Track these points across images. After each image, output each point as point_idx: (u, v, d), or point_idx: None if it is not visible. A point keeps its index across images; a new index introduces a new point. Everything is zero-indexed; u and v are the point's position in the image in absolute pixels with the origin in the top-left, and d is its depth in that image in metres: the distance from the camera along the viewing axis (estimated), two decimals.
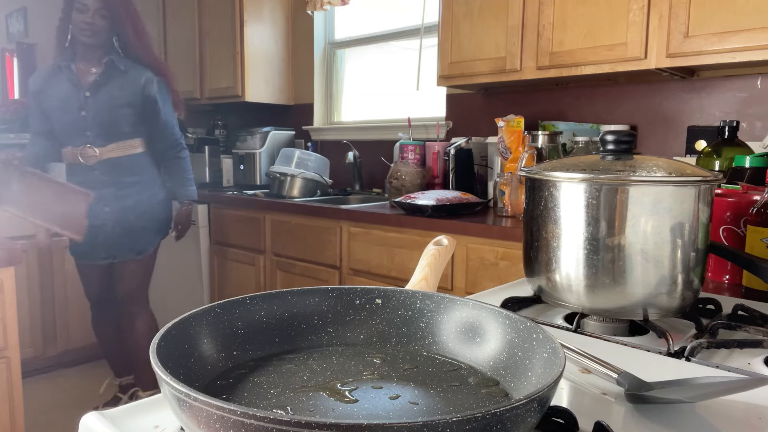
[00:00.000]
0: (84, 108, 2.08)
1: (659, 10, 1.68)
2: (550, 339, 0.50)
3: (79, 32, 2.04)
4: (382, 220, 2.07)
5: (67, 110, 2.09)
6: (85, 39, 2.05)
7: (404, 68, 2.95)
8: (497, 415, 0.37)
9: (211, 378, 0.53)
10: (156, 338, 0.48)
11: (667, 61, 1.68)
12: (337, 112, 3.34)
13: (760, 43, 1.51)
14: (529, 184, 0.81)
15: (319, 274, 2.35)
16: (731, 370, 0.65)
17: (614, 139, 0.76)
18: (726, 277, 1.15)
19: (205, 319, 0.56)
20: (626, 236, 0.71)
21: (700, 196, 0.72)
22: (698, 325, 0.76)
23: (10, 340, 1.52)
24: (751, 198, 1.13)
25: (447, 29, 2.22)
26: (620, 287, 0.73)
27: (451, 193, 2.04)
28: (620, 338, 0.76)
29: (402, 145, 2.51)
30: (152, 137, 2.23)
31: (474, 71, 2.15)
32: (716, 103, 1.91)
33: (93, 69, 2.10)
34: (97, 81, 2.08)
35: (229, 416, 0.36)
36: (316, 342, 0.62)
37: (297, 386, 0.52)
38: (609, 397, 0.58)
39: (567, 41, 1.88)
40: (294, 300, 0.63)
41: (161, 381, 0.41)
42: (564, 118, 2.26)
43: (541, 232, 0.79)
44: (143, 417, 0.52)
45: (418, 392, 0.51)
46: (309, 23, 3.25)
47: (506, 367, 0.55)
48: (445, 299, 0.62)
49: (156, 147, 2.25)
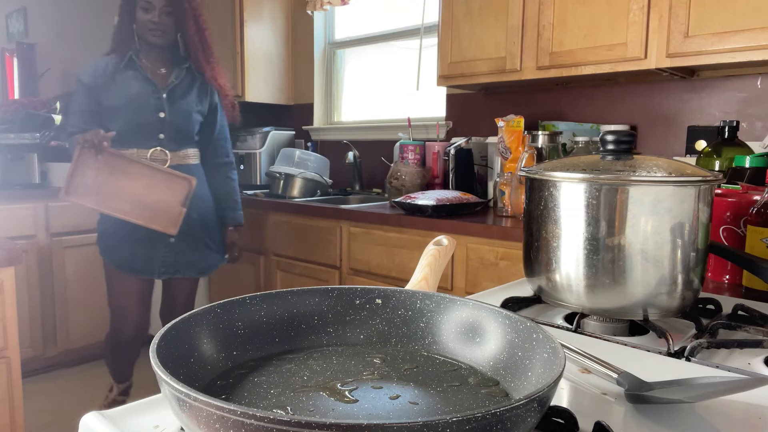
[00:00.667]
0: (163, 109, 1.94)
1: (659, 10, 1.68)
2: (550, 339, 0.50)
3: (147, 32, 1.92)
4: (382, 220, 2.07)
5: (141, 110, 1.93)
6: (155, 39, 1.94)
7: (404, 68, 2.95)
8: (497, 415, 0.37)
9: (211, 378, 0.53)
10: (156, 338, 0.48)
11: (667, 61, 1.68)
12: (337, 112, 3.34)
13: (760, 43, 1.51)
14: (529, 184, 0.81)
15: (319, 274, 2.35)
16: (731, 370, 0.65)
17: (614, 139, 0.76)
18: (726, 277, 1.15)
19: (205, 319, 0.56)
20: (626, 236, 0.71)
21: (700, 196, 0.72)
22: (698, 325, 0.76)
23: (10, 340, 1.52)
24: (751, 198, 1.13)
25: (447, 29, 2.22)
26: (620, 287, 0.73)
27: (451, 193, 2.04)
28: (620, 338, 0.76)
29: (402, 145, 2.51)
30: (206, 149, 2.11)
31: (474, 71, 2.15)
32: (716, 103, 1.91)
33: (162, 69, 1.99)
34: (174, 83, 1.98)
35: (229, 416, 0.36)
36: (316, 342, 0.62)
37: (297, 386, 0.52)
38: (609, 397, 0.58)
39: (567, 41, 1.88)
40: (294, 300, 0.63)
41: (161, 381, 0.41)
42: (564, 118, 2.26)
43: (541, 232, 0.79)
44: (143, 417, 0.52)
45: (418, 392, 0.51)
46: (309, 23, 3.25)
47: (506, 367, 0.55)
48: (445, 299, 0.62)
49: (208, 161, 2.12)
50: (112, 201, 1.79)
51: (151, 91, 1.95)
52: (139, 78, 1.96)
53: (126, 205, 1.81)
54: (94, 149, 1.79)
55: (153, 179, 1.83)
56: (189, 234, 2.01)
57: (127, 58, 1.96)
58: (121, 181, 1.80)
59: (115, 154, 1.81)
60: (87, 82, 1.95)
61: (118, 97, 1.93)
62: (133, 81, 1.95)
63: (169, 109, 1.96)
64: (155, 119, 1.94)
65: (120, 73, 1.95)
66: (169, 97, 1.97)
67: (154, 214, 1.83)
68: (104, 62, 1.98)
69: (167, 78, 1.99)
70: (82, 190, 1.77)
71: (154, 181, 1.83)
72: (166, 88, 1.97)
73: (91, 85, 1.94)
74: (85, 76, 1.96)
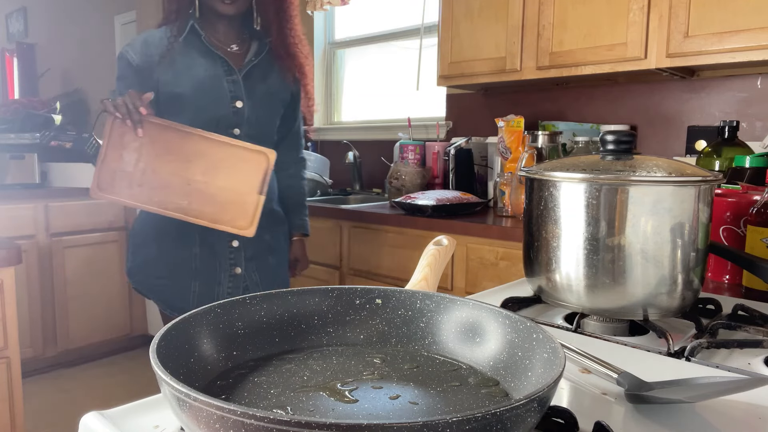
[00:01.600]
0: (240, 97, 1.47)
1: (659, 10, 1.68)
2: (550, 339, 0.50)
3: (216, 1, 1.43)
4: (382, 220, 2.07)
5: (213, 98, 1.45)
6: (225, 8, 1.43)
7: (404, 68, 2.95)
8: (497, 415, 0.37)
9: (211, 378, 0.53)
10: (156, 338, 0.48)
11: (667, 61, 1.68)
12: (337, 112, 3.34)
13: (760, 43, 1.51)
14: (529, 184, 0.81)
15: (319, 274, 2.35)
16: (731, 370, 0.65)
17: (614, 139, 0.76)
18: (726, 277, 1.15)
19: (205, 319, 0.56)
20: (626, 236, 0.71)
21: (700, 196, 0.72)
22: (698, 325, 0.76)
23: (10, 340, 1.52)
24: (751, 198, 1.13)
25: (447, 29, 2.22)
26: (620, 287, 0.73)
27: (451, 193, 2.04)
28: (620, 338, 0.76)
29: (402, 145, 2.51)
30: (279, 146, 1.59)
31: (474, 71, 2.15)
32: (716, 103, 1.91)
33: (234, 46, 1.51)
34: (253, 62, 1.50)
35: (229, 416, 0.36)
36: (316, 342, 0.62)
37: (297, 386, 0.52)
38: (609, 397, 0.58)
39: (567, 41, 1.88)
40: (294, 300, 0.63)
41: (161, 381, 0.41)
42: (564, 118, 2.26)
43: (541, 232, 0.79)
44: (143, 417, 0.52)
45: (418, 392, 0.51)
46: (309, 23, 3.25)
47: (506, 367, 0.55)
48: (445, 299, 0.62)
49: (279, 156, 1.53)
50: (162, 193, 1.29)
51: (223, 72, 1.46)
52: (207, 55, 1.46)
53: (181, 198, 1.30)
54: (130, 120, 1.29)
55: (217, 157, 1.32)
56: (259, 253, 1.56)
57: (188, 28, 1.46)
58: (172, 164, 1.30)
59: (162, 125, 1.31)
60: (137, 62, 1.44)
61: (181, 81, 1.44)
62: (199, 59, 1.46)
63: (248, 96, 1.48)
64: (230, 110, 1.46)
65: (179, 49, 1.46)
66: (246, 81, 1.49)
67: (220, 208, 1.32)
68: (156, 35, 1.47)
69: (242, 57, 1.51)
70: (119, 182, 1.27)
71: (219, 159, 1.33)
72: (243, 69, 1.49)
73: (143, 66, 1.44)
74: (132, 53, 1.45)
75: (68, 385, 2.76)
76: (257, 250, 1.55)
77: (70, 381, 2.82)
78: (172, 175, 1.31)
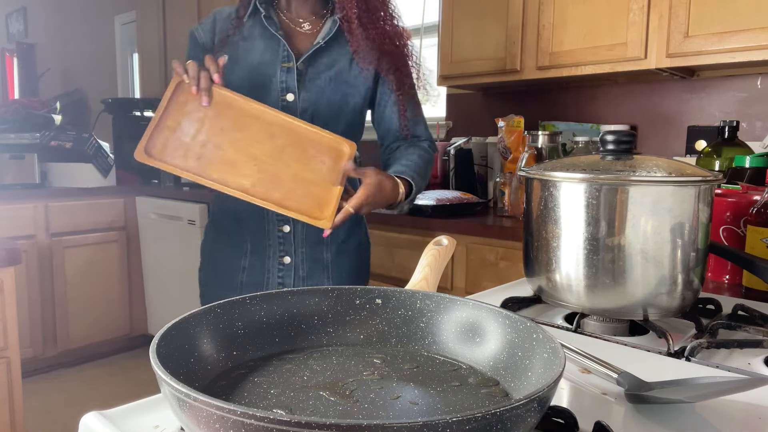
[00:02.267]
0: (292, 89, 1.22)
1: (659, 10, 1.68)
2: (550, 339, 0.50)
3: None
4: (382, 220, 2.07)
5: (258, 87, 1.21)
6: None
7: None
8: (497, 415, 0.36)
9: (211, 378, 0.53)
10: (156, 338, 0.48)
11: (667, 61, 1.68)
12: None
13: (760, 43, 1.51)
14: (529, 184, 0.81)
15: None
16: (731, 370, 0.65)
17: (614, 139, 0.76)
18: (726, 277, 1.15)
19: (205, 319, 0.56)
20: (626, 236, 0.71)
21: (700, 196, 0.72)
22: (698, 325, 0.76)
23: (10, 340, 1.52)
24: (751, 198, 1.13)
25: (447, 29, 2.22)
26: (620, 287, 0.73)
27: (451, 193, 2.04)
28: (620, 338, 0.76)
29: None
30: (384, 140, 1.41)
31: (474, 71, 2.15)
32: (716, 103, 1.91)
33: (306, 25, 1.26)
34: (320, 45, 1.22)
35: (229, 416, 0.36)
36: (316, 342, 0.62)
37: (297, 386, 0.52)
38: (609, 397, 0.58)
39: (567, 41, 1.88)
40: (294, 300, 0.63)
41: (161, 381, 0.41)
42: (564, 118, 2.26)
43: (541, 232, 0.79)
44: (143, 417, 0.52)
45: (418, 392, 0.51)
46: None
47: (506, 367, 0.55)
48: (445, 299, 0.62)
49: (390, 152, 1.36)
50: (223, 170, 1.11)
51: (279, 58, 1.22)
52: (266, 37, 1.23)
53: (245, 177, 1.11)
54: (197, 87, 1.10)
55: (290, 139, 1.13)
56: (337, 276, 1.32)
57: (252, 4, 1.24)
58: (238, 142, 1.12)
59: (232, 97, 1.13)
60: (203, 40, 1.29)
61: (235, 67, 1.24)
62: (258, 42, 1.24)
63: (306, 87, 1.23)
64: (279, 104, 1.21)
65: (246, 29, 1.25)
66: (308, 69, 1.23)
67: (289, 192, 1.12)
68: (225, 12, 1.30)
69: (312, 38, 1.25)
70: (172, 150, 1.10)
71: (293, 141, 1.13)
72: (303, 55, 1.22)
73: (209, 45, 1.28)
74: (201, 31, 1.30)
75: (68, 385, 2.76)
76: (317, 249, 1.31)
77: (70, 381, 2.82)
78: (238, 152, 1.14)
